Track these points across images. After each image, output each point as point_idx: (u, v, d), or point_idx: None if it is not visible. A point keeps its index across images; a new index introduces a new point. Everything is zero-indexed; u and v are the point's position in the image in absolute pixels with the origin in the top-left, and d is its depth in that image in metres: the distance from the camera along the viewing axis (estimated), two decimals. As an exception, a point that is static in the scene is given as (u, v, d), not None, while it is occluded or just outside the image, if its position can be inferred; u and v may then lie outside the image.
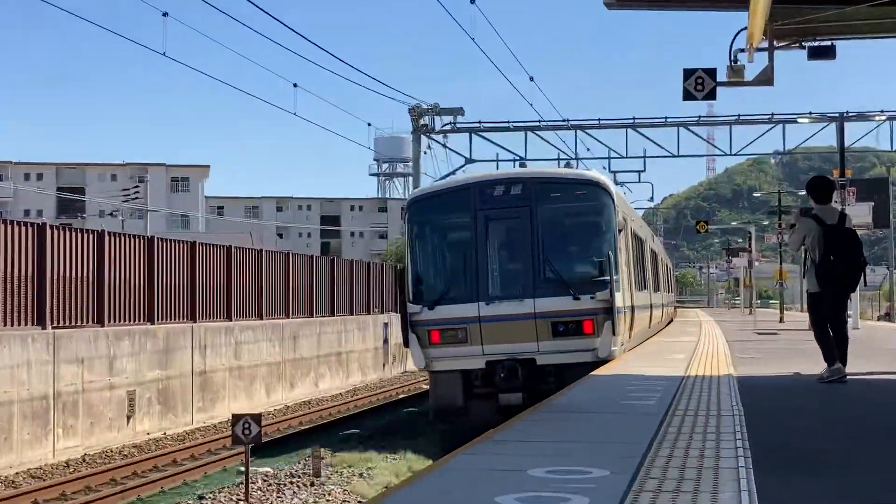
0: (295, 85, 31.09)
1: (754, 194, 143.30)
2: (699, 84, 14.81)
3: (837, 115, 34.77)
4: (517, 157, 38.70)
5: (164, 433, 18.77)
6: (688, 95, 14.82)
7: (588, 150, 40.46)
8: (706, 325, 35.67)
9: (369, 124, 39.95)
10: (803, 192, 13.27)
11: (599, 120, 38.84)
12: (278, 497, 13.40)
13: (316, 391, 26.35)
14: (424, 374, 32.14)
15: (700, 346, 20.76)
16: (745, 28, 14.04)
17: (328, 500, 13.34)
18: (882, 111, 35.03)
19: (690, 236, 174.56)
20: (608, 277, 16.03)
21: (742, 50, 14.67)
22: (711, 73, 14.80)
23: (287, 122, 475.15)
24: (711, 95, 14.84)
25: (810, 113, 35.77)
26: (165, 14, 24.16)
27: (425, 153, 39.28)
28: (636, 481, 5.35)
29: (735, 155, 39.68)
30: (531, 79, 34.98)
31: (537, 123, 38.18)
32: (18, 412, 15.29)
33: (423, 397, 25.72)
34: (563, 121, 38.48)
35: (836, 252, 11.11)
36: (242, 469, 13.92)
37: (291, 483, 14.21)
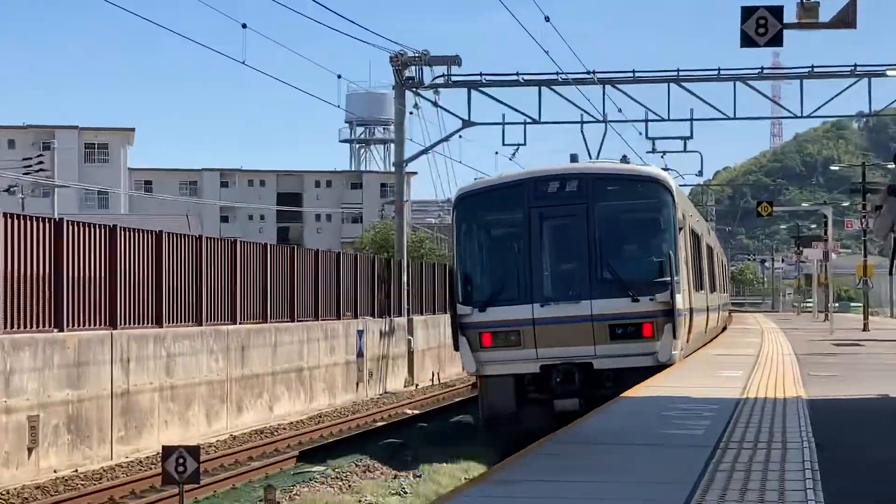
0: (244, 26, 30.87)
1: (831, 167, 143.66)
2: (761, 26, 14.80)
3: (938, 66, 34.77)
4: (528, 119, 38.71)
5: (76, 470, 18.76)
6: (747, 41, 14.80)
7: (619, 110, 39.98)
8: (769, 334, 35.75)
9: (339, 77, 39.53)
10: (893, 165, 13.30)
11: (634, 72, 38.80)
12: (221, 552, 13.39)
13: (270, 417, 26.37)
14: (409, 398, 32.31)
15: (762, 360, 20.86)
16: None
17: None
18: None
19: (750, 221, 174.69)
20: (668, 278, 18.87)
21: (816, -18, 14.64)
22: (777, 12, 14.79)
23: (234, 73, 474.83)
24: (777, 41, 14.82)
25: (903, 63, 35.76)
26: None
27: (411, 113, 39.27)
28: (678, 532, 5.35)
29: (807, 117, 39.68)
30: (547, 19, 34.88)
31: (554, 76, 38.14)
32: None
33: (406, 425, 25.75)
34: (588, 73, 38.47)
35: (935, 241, 11.12)
36: (176, 516, 13.89)
37: (238, 534, 14.22)
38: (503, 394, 19.17)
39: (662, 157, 46.20)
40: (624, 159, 22.47)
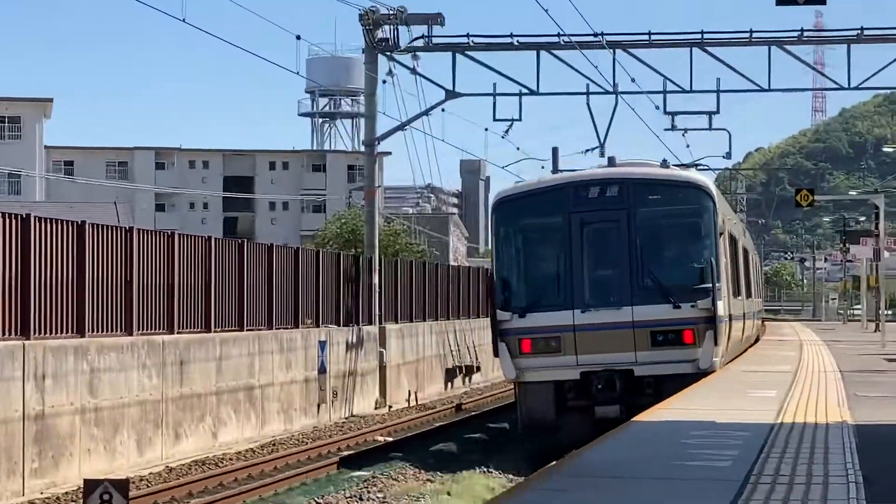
0: (184, -24, 30.90)
1: (884, 149, 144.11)
2: (801, -20, 14.82)
3: None
4: (524, 90, 38.75)
5: (-19, 508, 18.75)
6: (784, -3, 14.82)
7: (633, 80, 39.93)
8: (809, 346, 35.89)
9: (299, 38, 39.11)
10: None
11: (650, 34, 38.79)
12: None
13: (214, 445, 26.34)
14: (380, 423, 32.32)
15: (800, 377, 21.02)
16: None
17: None
18: None
19: (787, 212, 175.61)
20: (710, 285, 21.88)
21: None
22: (820, -38, 14.81)
23: (173, 34, 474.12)
24: (820, -3, 14.85)
25: (970, 25, 35.86)
26: None
27: (385, 82, 39.23)
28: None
29: (856, 89, 39.76)
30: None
31: (555, 39, 38.15)
32: None
33: (378, 454, 25.76)
34: (596, 35, 38.49)
35: None
36: (100, 563, 13.85)
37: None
38: (542, 401, 22.20)
39: (683, 135, 46.27)
40: (664, 164, 24.82)
